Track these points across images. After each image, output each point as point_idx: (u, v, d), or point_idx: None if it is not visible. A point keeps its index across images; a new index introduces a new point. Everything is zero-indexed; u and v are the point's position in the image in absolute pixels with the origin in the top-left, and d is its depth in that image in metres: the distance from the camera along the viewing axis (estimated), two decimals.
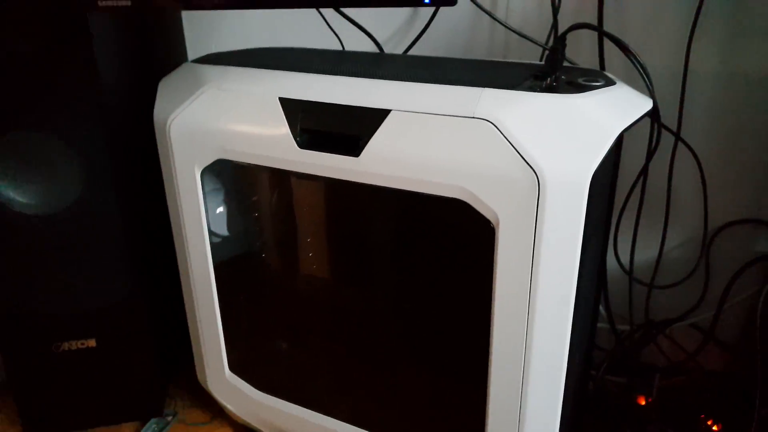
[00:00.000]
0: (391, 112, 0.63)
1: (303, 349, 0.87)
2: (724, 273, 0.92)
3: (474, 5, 0.87)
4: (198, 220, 0.79)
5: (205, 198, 0.78)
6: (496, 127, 0.58)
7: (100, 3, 0.57)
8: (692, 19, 0.82)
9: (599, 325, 0.94)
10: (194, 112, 0.73)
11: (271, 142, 0.69)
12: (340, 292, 0.82)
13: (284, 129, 0.67)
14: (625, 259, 0.95)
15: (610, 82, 0.64)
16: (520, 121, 0.58)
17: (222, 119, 0.71)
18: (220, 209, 0.82)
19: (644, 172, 0.82)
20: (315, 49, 0.85)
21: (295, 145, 0.67)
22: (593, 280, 0.78)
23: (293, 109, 0.67)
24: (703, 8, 0.81)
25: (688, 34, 0.83)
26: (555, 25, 0.87)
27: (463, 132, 0.59)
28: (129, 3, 0.55)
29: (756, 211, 0.91)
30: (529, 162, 0.57)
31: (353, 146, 0.64)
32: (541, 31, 0.92)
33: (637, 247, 0.93)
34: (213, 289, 0.83)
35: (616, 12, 0.88)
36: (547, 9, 0.89)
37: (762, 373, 0.86)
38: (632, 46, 0.88)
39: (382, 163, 0.63)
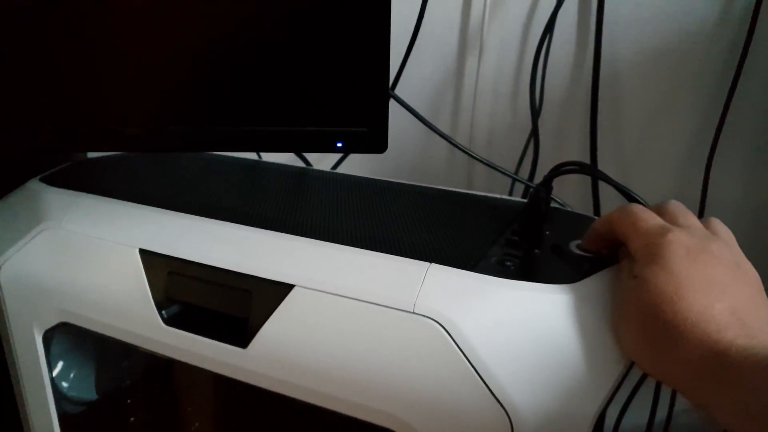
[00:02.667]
0: (295, 288, 0.42)
1: None
2: None
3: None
4: (41, 392, 0.56)
5: (50, 364, 0.56)
6: (446, 331, 0.38)
7: None
8: (709, 144, 0.63)
9: None
10: (30, 258, 0.52)
11: (128, 313, 0.47)
12: None
13: (145, 296, 0.46)
14: None
15: None
16: (484, 326, 0.37)
17: (64, 272, 0.50)
18: (75, 374, 0.60)
19: None
20: (218, 159, 0.64)
21: (160, 320, 0.46)
22: None
23: (158, 268, 0.46)
24: (724, 128, 0.63)
25: (704, 160, 0.65)
26: (536, 147, 0.68)
27: (396, 333, 0.39)
28: None
29: None
30: (496, 394, 0.36)
31: (239, 332, 0.44)
32: (512, 146, 0.73)
33: None
34: None
35: (611, 126, 0.69)
36: (521, 120, 0.71)
37: None
38: (632, 168, 0.70)
39: (278, 361, 0.42)
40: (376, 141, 0.38)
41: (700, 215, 0.66)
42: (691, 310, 0.32)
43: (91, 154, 0.69)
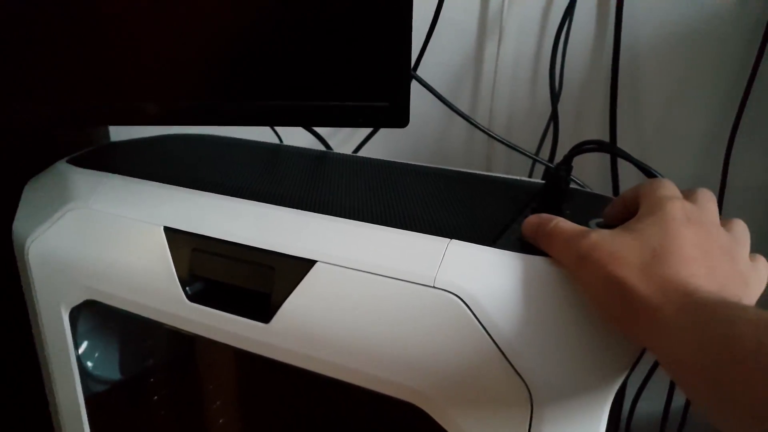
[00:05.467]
0: (317, 264, 0.43)
1: None
2: None
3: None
4: (68, 370, 0.58)
5: (76, 342, 0.57)
6: (466, 305, 0.38)
7: None
8: (730, 126, 0.63)
9: None
10: (57, 237, 0.53)
11: (152, 290, 0.48)
12: None
13: (169, 273, 0.47)
14: None
15: None
16: (504, 300, 0.38)
17: (91, 250, 0.51)
18: (100, 353, 0.61)
19: None
20: (241, 143, 0.65)
21: (184, 296, 0.47)
22: None
23: (183, 245, 0.47)
24: (745, 111, 0.62)
25: (726, 143, 0.64)
26: (555, 131, 0.68)
27: (417, 307, 0.39)
28: None
29: None
30: (517, 367, 0.37)
31: (262, 308, 0.44)
32: (531, 131, 0.73)
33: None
34: None
35: (631, 108, 0.69)
36: (541, 104, 0.71)
37: None
38: (652, 151, 0.70)
39: (300, 336, 0.43)
40: (397, 116, 0.38)
41: (721, 197, 0.66)
42: (670, 265, 0.32)
43: (115, 138, 0.70)
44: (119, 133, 0.80)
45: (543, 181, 0.52)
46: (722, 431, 0.28)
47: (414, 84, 0.67)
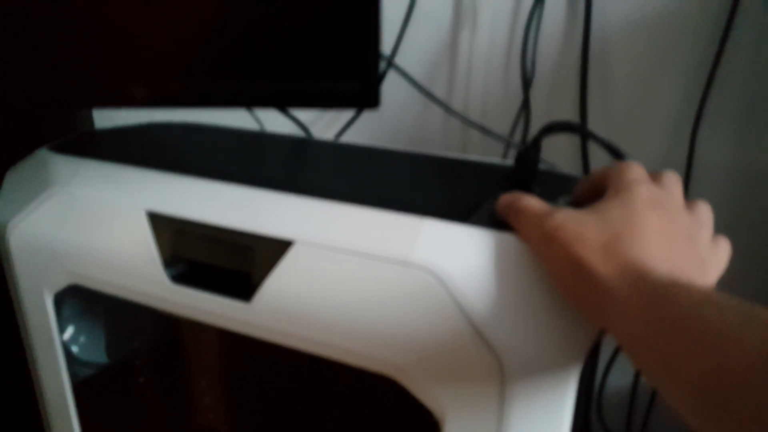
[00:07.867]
0: (294, 244, 0.44)
1: None
2: None
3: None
4: (53, 356, 0.59)
5: (61, 327, 0.58)
6: (439, 281, 0.40)
7: None
8: (696, 105, 0.65)
9: None
10: (39, 221, 0.54)
11: (136, 272, 0.49)
12: None
13: (152, 256, 0.48)
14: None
15: None
16: (476, 276, 0.39)
17: (73, 235, 0.52)
18: (85, 338, 0.62)
19: None
20: (223, 130, 0.66)
21: (167, 278, 0.48)
22: None
23: (165, 228, 0.48)
24: (711, 93, 0.64)
25: (692, 123, 0.66)
26: (527, 116, 0.69)
27: (392, 283, 0.41)
28: None
29: None
30: (488, 340, 0.38)
31: (243, 287, 0.46)
32: (505, 117, 0.75)
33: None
34: None
35: (601, 92, 0.71)
36: (514, 90, 0.72)
37: None
38: (621, 134, 0.72)
39: (281, 314, 0.44)
40: (369, 96, 0.40)
41: (687, 176, 0.68)
42: (630, 247, 0.33)
43: (98, 125, 0.71)
44: (103, 123, 0.81)
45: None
46: (673, 407, 0.29)
47: (392, 72, 0.68)
